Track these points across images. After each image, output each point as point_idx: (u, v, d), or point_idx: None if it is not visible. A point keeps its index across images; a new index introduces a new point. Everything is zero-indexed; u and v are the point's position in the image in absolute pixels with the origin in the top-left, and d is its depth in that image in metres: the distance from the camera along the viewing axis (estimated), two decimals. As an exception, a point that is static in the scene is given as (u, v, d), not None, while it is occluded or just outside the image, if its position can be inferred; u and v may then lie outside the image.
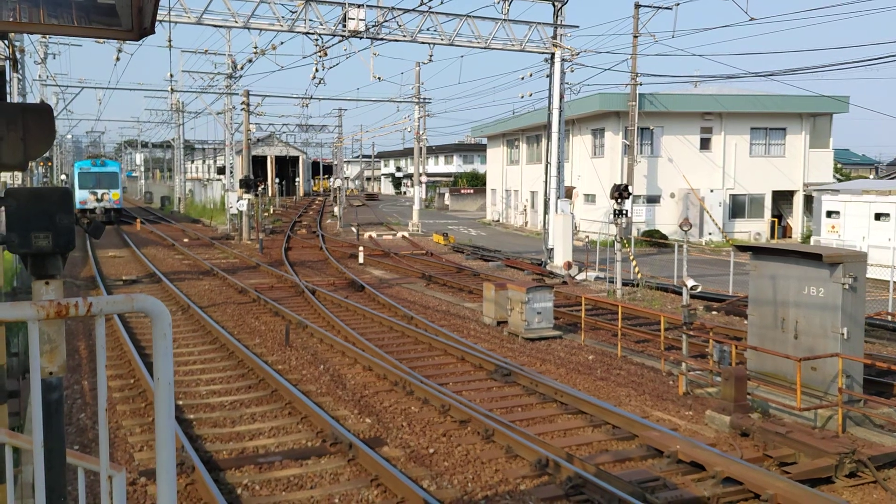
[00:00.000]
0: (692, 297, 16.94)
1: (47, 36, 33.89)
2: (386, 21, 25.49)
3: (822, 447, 8.60)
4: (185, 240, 37.45)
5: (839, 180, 42.17)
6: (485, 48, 27.02)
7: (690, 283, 13.77)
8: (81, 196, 45.28)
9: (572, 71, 28.46)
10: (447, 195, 73.08)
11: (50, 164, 54.91)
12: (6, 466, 3.30)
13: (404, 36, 25.97)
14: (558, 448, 8.94)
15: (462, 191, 73.60)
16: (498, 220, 52.79)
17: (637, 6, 31.06)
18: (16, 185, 25.25)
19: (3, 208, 2.55)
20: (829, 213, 28.43)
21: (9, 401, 4.65)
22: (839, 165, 56.05)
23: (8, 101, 5.82)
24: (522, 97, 33.18)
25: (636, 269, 22.73)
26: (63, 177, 70.72)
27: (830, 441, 8.89)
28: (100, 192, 46.26)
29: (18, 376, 10.20)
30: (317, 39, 26.04)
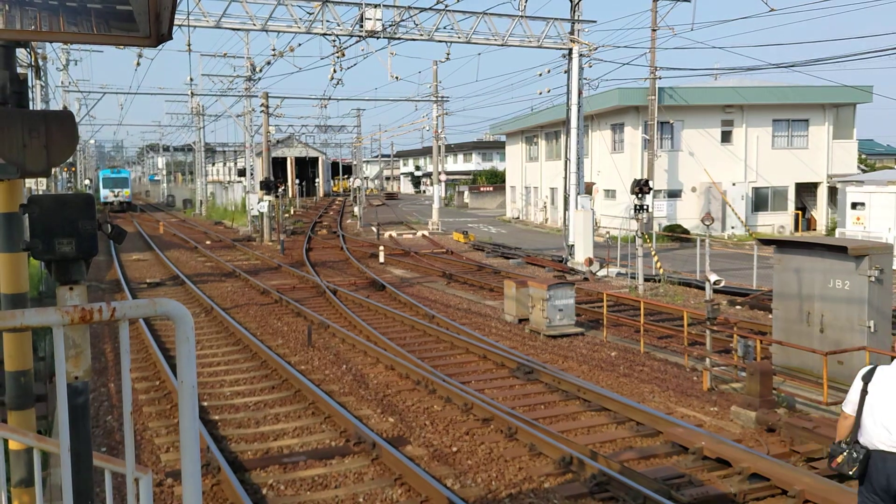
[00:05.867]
0: (715, 291, 16.81)
1: (69, 43, 34.28)
2: (403, 20, 25.51)
3: (850, 442, 8.49)
4: (208, 242, 37.75)
5: (863, 171, 41.61)
6: (502, 45, 26.96)
7: (713, 277, 13.67)
8: (104, 194, 64.70)
9: (590, 66, 28.29)
10: (466, 193, 72.99)
11: (74, 169, 55.83)
12: (34, 469, 3.34)
13: (421, 35, 25.98)
14: (582, 445, 8.90)
15: (481, 188, 73.48)
16: (518, 218, 52.68)
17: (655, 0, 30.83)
18: (41, 192, 25.58)
19: (27, 215, 2.58)
20: (853, 205, 28.06)
21: (36, 404, 4.71)
22: (863, 156, 55.29)
23: (31, 108, 5.90)
24: (541, 94, 33.15)
25: (658, 265, 22.58)
26: (87, 181, 73.34)
27: (858, 436, 8.77)
28: (117, 190, 65.56)
29: (45, 380, 10.34)
30: (334, 40, 26.12)
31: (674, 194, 37.60)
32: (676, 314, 16.29)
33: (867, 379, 5.02)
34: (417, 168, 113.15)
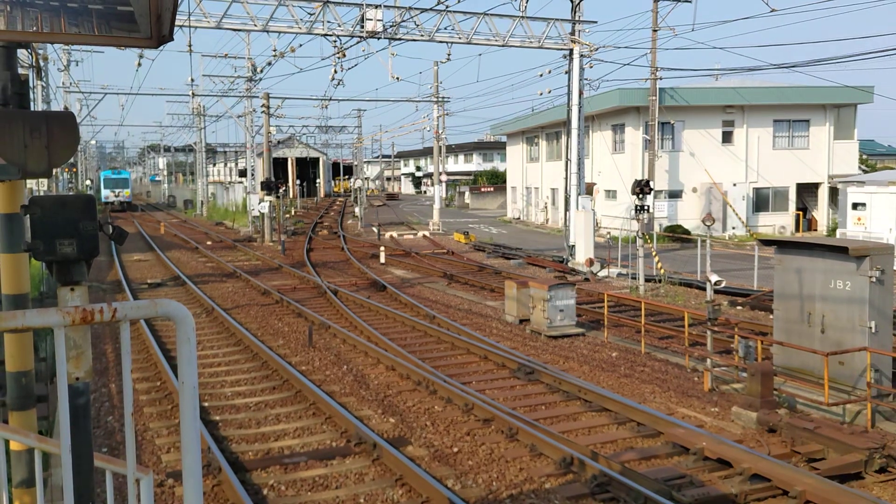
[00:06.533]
0: (716, 292, 16.79)
1: (70, 44, 34.30)
2: (403, 21, 25.51)
3: (851, 442, 8.49)
4: (209, 242, 37.76)
5: (864, 171, 41.59)
6: (503, 46, 26.96)
7: (714, 278, 13.65)
8: (106, 194, 67.99)
9: (591, 67, 28.27)
10: (467, 194, 73.01)
11: (75, 170, 55.89)
12: (35, 470, 3.34)
13: (422, 35, 25.98)
14: (583, 446, 8.90)
15: (482, 189, 73.50)
16: (518, 218, 52.68)
17: (656, 0, 30.81)
18: (42, 192, 25.60)
19: (28, 216, 2.59)
20: (854, 205, 28.05)
21: (37, 405, 4.72)
22: (864, 156, 55.22)
23: (32, 108, 5.90)
24: (541, 94, 33.01)
25: (659, 265, 22.57)
26: (88, 182, 74.21)
27: (859, 436, 8.77)
28: (117, 191, 68.61)
29: (46, 381, 10.35)
30: (335, 41, 26.12)
31: (675, 195, 37.60)
32: (677, 315, 16.30)
33: None
34: (418, 168, 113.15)
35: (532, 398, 11.34)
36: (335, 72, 29.02)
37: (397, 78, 29.36)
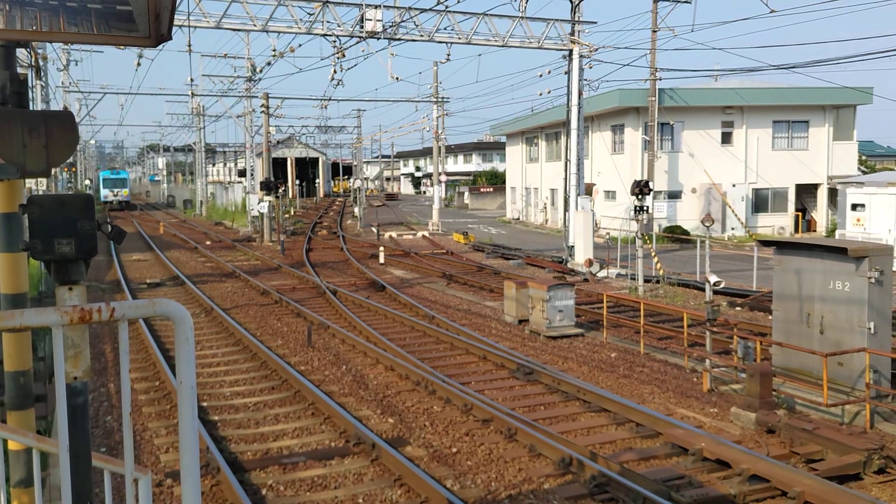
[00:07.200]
0: (715, 293, 16.80)
1: (69, 43, 34.27)
2: (403, 21, 25.51)
3: (850, 443, 8.49)
4: (208, 242, 37.75)
5: (864, 172, 41.62)
6: (502, 46, 26.96)
7: (713, 278, 13.65)
8: (104, 193, 69.23)
9: (591, 67, 28.29)
10: (467, 194, 73.02)
11: (74, 169, 55.82)
12: (34, 470, 3.34)
13: (421, 36, 25.98)
14: (582, 446, 8.90)
15: (481, 189, 73.51)
16: (518, 219, 52.69)
17: (655, 0, 30.81)
18: (41, 192, 25.58)
19: (26, 215, 2.58)
20: (853, 206, 28.06)
21: (35, 405, 4.71)
22: (864, 157, 55.27)
23: (31, 108, 5.90)
24: (541, 94, 33.01)
25: (658, 266, 22.58)
26: (87, 181, 74.22)
27: (858, 437, 8.77)
28: (116, 190, 70.19)
29: (45, 380, 10.34)
30: (334, 41, 26.12)
31: (674, 195, 37.60)
32: (676, 315, 16.29)
33: None
34: (418, 169, 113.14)
35: (531, 398, 11.33)
36: (335, 72, 29.01)
37: (397, 78, 29.36)
